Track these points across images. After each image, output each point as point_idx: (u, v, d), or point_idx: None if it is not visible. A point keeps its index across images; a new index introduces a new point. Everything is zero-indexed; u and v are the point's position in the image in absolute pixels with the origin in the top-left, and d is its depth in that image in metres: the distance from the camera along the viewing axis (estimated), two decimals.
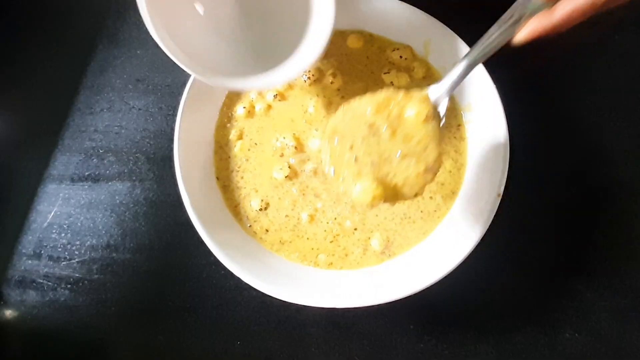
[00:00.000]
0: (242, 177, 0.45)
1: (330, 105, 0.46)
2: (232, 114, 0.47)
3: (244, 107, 0.46)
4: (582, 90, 0.51)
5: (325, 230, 0.43)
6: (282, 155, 0.45)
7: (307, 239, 0.43)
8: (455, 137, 0.45)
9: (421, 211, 0.43)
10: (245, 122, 0.46)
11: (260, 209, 0.44)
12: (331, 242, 0.43)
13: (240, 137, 0.46)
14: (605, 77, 0.51)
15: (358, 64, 0.47)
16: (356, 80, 0.47)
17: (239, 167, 0.45)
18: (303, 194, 0.44)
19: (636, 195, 0.48)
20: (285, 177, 0.44)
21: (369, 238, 0.43)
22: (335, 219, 0.44)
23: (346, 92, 0.46)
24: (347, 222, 0.43)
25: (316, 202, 0.44)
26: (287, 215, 0.44)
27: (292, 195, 0.44)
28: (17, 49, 0.55)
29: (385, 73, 0.46)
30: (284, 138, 0.45)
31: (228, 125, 0.46)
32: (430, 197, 0.44)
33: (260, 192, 0.45)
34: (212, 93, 0.46)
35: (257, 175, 0.45)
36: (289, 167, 0.44)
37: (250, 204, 0.44)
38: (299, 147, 0.45)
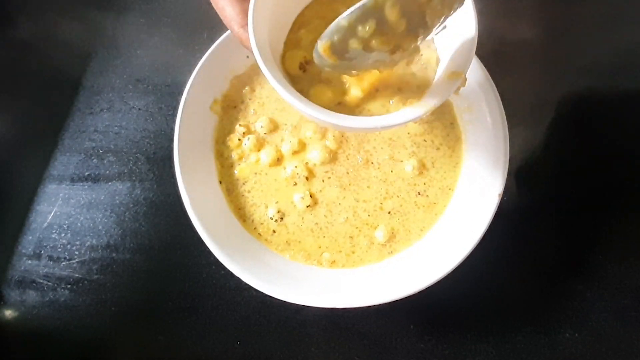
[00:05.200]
0: (244, 183, 0.45)
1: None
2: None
3: None
4: (582, 90, 0.51)
5: (339, 231, 0.43)
6: (295, 184, 0.44)
7: (324, 237, 0.43)
8: (449, 136, 0.45)
9: (422, 204, 0.44)
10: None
11: (272, 219, 0.43)
12: (342, 238, 0.43)
13: (240, 139, 0.46)
14: (605, 76, 0.51)
15: None
16: None
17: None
18: (324, 215, 0.43)
19: (636, 195, 0.48)
20: (307, 206, 0.43)
21: (375, 229, 0.43)
22: (347, 218, 0.43)
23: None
24: (358, 218, 0.43)
25: (336, 210, 0.43)
26: (302, 226, 0.43)
27: (313, 217, 0.44)
28: (17, 49, 0.55)
29: None
30: (296, 167, 0.44)
31: (229, 126, 0.46)
32: (429, 190, 0.44)
33: (272, 206, 0.44)
34: (213, 93, 0.46)
35: (267, 193, 0.44)
36: (310, 195, 0.43)
37: (261, 212, 0.44)
38: (310, 176, 0.44)
